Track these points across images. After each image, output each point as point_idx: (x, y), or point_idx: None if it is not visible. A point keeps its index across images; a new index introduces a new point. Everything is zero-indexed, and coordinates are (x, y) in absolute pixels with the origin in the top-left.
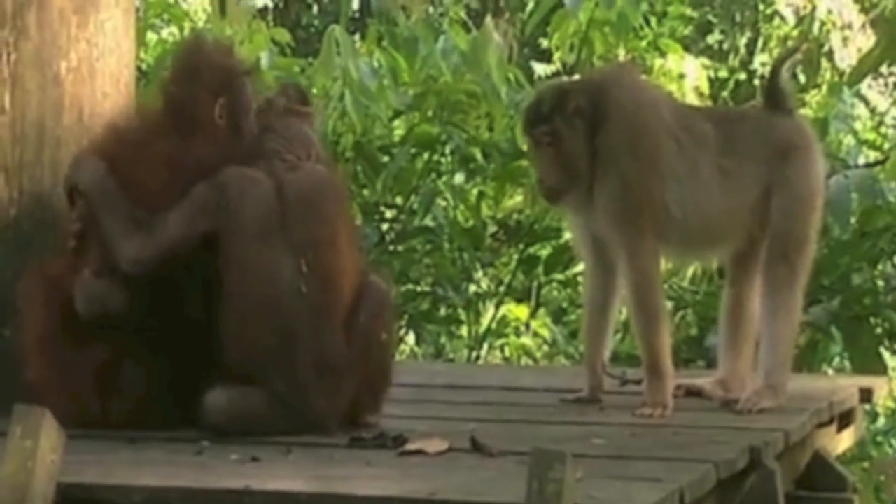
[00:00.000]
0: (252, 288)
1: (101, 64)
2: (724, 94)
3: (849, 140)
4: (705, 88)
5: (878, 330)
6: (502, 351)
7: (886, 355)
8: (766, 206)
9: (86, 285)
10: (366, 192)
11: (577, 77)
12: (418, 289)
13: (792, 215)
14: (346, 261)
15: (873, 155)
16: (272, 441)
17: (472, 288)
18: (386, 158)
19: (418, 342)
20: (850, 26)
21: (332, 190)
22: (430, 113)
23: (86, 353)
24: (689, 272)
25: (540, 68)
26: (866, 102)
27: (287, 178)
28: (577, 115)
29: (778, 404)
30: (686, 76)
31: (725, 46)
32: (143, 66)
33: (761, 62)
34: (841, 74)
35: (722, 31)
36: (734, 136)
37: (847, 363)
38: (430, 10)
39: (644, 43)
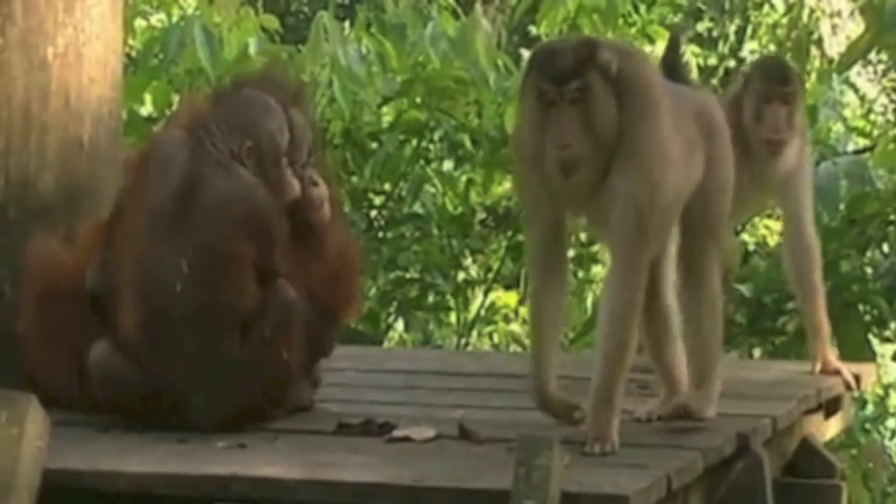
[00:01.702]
0: (139, 266)
1: (88, 49)
2: (714, 81)
3: (838, 127)
4: (695, 75)
5: (867, 317)
6: (491, 338)
7: (875, 342)
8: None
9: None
10: (354, 178)
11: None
12: (407, 276)
13: (715, 198)
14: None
15: (862, 142)
16: (259, 428)
17: (461, 275)
18: (374, 145)
19: (407, 329)
20: (839, 14)
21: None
22: (418, 99)
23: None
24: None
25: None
26: (855, 90)
27: (211, 175)
28: (608, 73)
29: (714, 413)
30: None
31: (715, 34)
32: (132, 53)
33: (750, 50)
34: (830, 62)
35: (711, 19)
36: (683, 113)
37: (836, 350)
38: None
39: (633, 30)
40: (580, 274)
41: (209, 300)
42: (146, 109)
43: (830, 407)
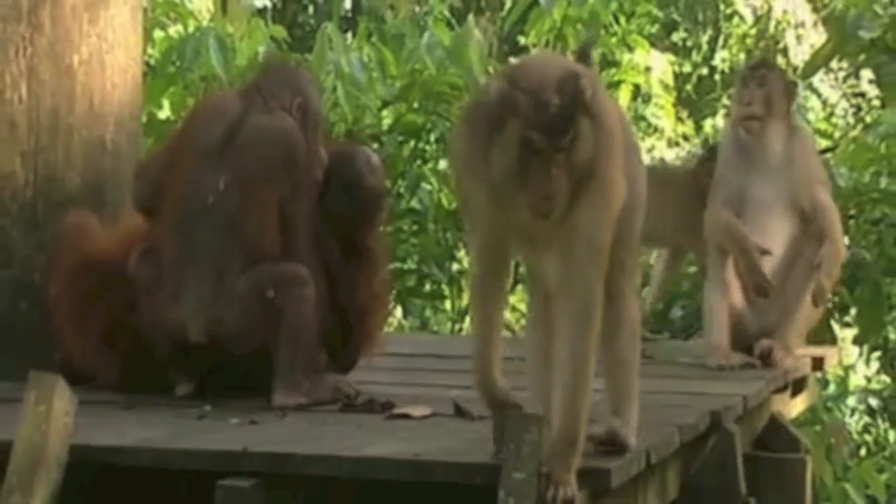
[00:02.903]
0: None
1: (111, 57)
2: (688, 87)
3: None
4: (670, 81)
5: (829, 304)
6: None
7: (836, 327)
8: None
9: None
10: None
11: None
12: (405, 266)
13: (631, 219)
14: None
15: (825, 143)
16: (268, 406)
17: (455, 266)
18: (375, 145)
19: (405, 315)
20: (803, 25)
21: (281, 144)
22: (415, 104)
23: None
24: (654, 251)
25: None
26: (818, 95)
27: (257, 114)
28: (589, 109)
29: (634, 442)
30: (652, 70)
31: (689, 43)
32: (151, 61)
33: (722, 58)
34: (795, 69)
35: (686, 30)
36: None
37: None
38: (416, 8)
39: (614, 39)
40: None
41: (234, 221)
42: (164, 113)
43: (796, 387)
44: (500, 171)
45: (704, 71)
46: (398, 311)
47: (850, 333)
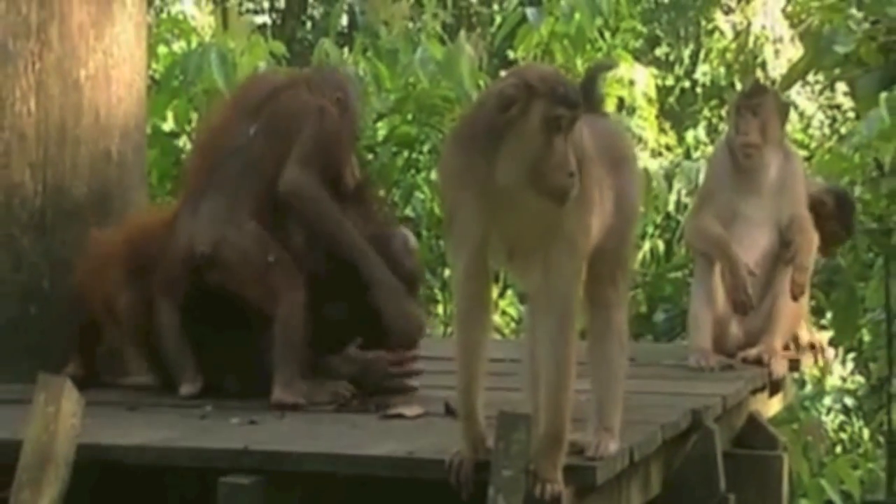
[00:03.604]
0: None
1: (116, 72)
2: (671, 99)
3: None
4: (653, 94)
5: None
6: None
7: (813, 330)
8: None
9: None
10: None
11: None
12: None
13: (623, 232)
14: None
15: (802, 153)
16: (268, 406)
17: (447, 272)
18: (370, 156)
19: None
20: (781, 40)
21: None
22: (409, 116)
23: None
24: (639, 256)
25: None
26: (795, 107)
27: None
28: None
29: (615, 448)
30: (636, 83)
31: (671, 57)
32: (155, 75)
33: (703, 72)
34: (773, 82)
35: (668, 44)
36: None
37: None
38: (410, 24)
39: (599, 54)
40: None
41: (256, 164)
42: (168, 125)
43: (774, 387)
44: (519, 163)
45: (686, 84)
46: None
47: (826, 335)
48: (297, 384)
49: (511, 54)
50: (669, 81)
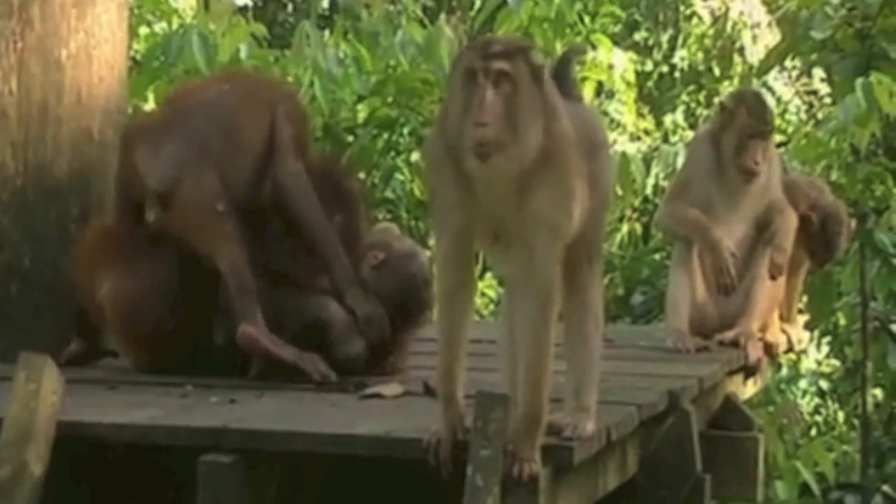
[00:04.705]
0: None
1: (98, 52)
2: (649, 84)
3: None
4: (632, 78)
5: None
6: None
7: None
8: None
9: None
10: None
11: None
12: None
13: (597, 216)
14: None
15: (779, 138)
16: (247, 386)
17: (427, 253)
18: (351, 138)
19: None
20: (758, 25)
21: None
22: (389, 98)
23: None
24: (617, 238)
25: None
26: (772, 92)
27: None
28: (539, 73)
29: (592, 428)
30: (615, 67)
31: (650, 42)
32: (136, 56)
33: (681, 57)
34: (750, 67)
35: (647, 29)
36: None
37: None
38: (390, 7)
39: (579, 38)
40: None
41: (224, 115)
42: (149, 105)
43: (749, 369)
44: (453, 120)
45: (664, 69)
46: None
47: (802, 319)
48: (262, 323)
49: None
50: (648, 66)
